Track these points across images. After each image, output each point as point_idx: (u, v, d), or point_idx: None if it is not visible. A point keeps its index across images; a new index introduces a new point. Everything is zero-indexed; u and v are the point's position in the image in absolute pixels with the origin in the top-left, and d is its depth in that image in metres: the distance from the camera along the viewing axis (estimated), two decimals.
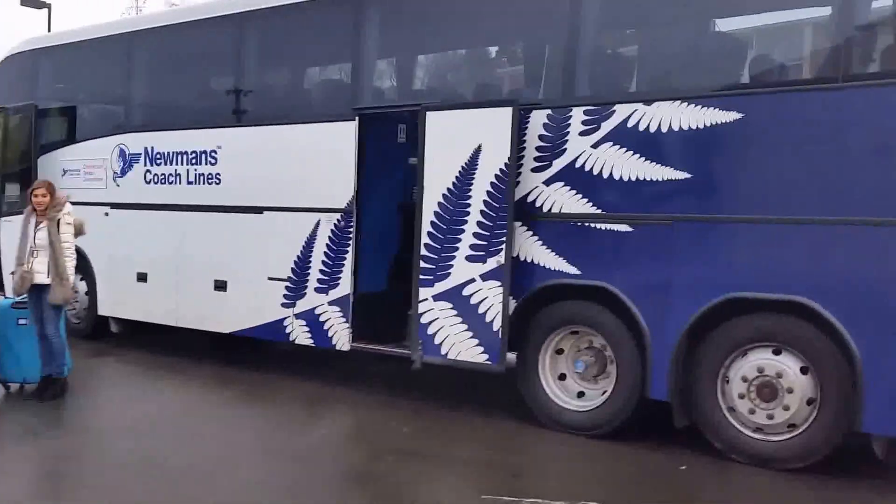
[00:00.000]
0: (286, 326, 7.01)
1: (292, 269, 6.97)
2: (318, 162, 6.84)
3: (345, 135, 6.60)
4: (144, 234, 7.98)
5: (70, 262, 6.36)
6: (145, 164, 7.98)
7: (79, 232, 6.49)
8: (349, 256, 6.66)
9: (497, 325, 5.63)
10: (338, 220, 6.72)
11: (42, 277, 6.34)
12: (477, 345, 5.73)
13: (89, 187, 8.25)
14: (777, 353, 4.92)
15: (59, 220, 6.38)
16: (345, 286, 6.68)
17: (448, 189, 5.86)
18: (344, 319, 6.67)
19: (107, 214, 8.16)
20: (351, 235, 6.65)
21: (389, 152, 7.01)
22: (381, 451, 5.22)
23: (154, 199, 7.91)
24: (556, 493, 4.36)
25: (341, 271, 6.70)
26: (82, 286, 8.40)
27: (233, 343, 7.75)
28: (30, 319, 6.47)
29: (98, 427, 5.79)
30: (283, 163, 7.05)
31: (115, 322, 8.35)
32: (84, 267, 8.05)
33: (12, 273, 6.64)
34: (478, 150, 5.75)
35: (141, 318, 8.06)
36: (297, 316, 6.94)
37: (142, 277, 7.99)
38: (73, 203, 6.60)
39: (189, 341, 8.18)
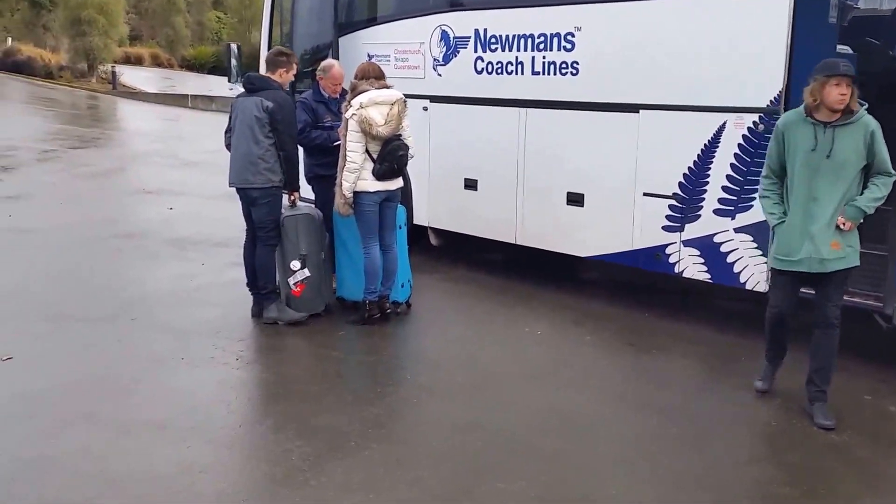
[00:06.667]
0: (669, 255, 5.59)
1: (681, 183, 5.48)
2: (726, 46, 5.16)
3: (770, 8, 4.89)
4: (474, 133, 6.75)
5: (348, 166, 5.22)
6: (476, 50, 6.66)
7: (367, 133, 5.20)
8: None
9: None
10: (754, 122, 5.09)
11: None
12: None
13: (402, 76, 7.05)
14: None
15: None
16: (761, 209, 5.10)
17: None
18: (759, 252, 5.14)
19: (425, 109, 7.01)
20: None
21: (820, 36, 5.18)
22: None
23: (487, 92, 6.60)
24: None
25: (755, 189, 5.10)
26: None
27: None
28: None
29: (501, 373, 4.71)
30: (673, 47, 5.43)
31: (436, 234, 7.34)
32: None
33: None
34: None
35: (469, 232, 6.96)
36: (687, 243, 5.50)
37: (470, 185, 6.84)
38: None
39: (504, 257, 7.07)
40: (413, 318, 5.74)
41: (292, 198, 5.59)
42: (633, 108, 5.67)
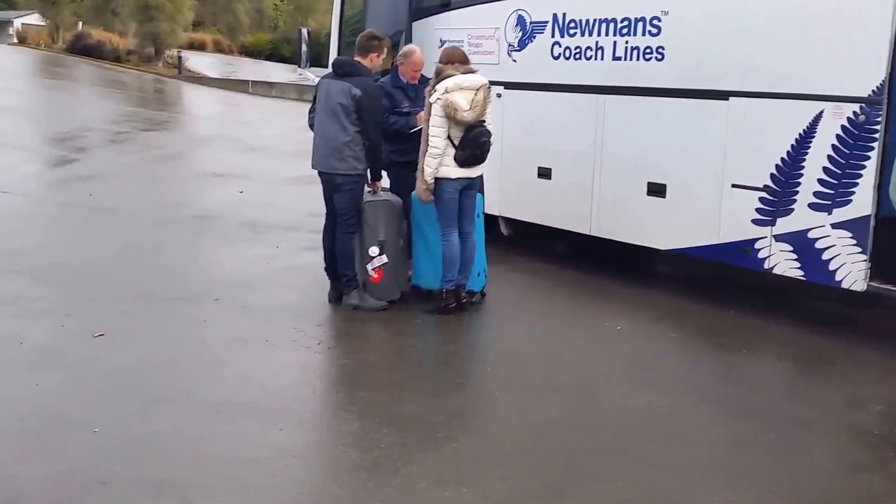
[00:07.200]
0: (759, 250, 5.38)
1: (772, 175, 5.26)
2: (824, 30, 4.93)
3: None
4: (549, 120, 6.63)
5: (431, 152, 5.16)
6: (553, 35, 6.52)
7: (451, 118, 5.11)
8: (871, 164, 4.80)
9: None
10: (854, 112, 4.84)
11: None
12: None
13: (475, 62, 6.84)
14: None
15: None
16: (860, 204, 4.87)
17: None
18: (858, 249, 4.91)
19: (499, 96, 6.86)
20: (875, 135, 4.77)
21: None
22: None
23: (564, 78, 6.47)
24: None
25: (855, 183, 4.89)
26: None
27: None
28: None
29: (584, 370, 4.57)
30: (767, 32, 5.21)
31: (506, 223, 7.24)
32: None
33: None
34: None
35: (542, 222, 6.84)
36: (778, 238, 5.29)
37: (544, 173, 6.71)
38: None
39: (575, 248, 6.94)
40: (488, 309, 5.66)
41: (375, 187, 5.57)
42: (723, 94, 5.46)
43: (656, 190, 5.92)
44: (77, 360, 4.46)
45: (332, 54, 8.68)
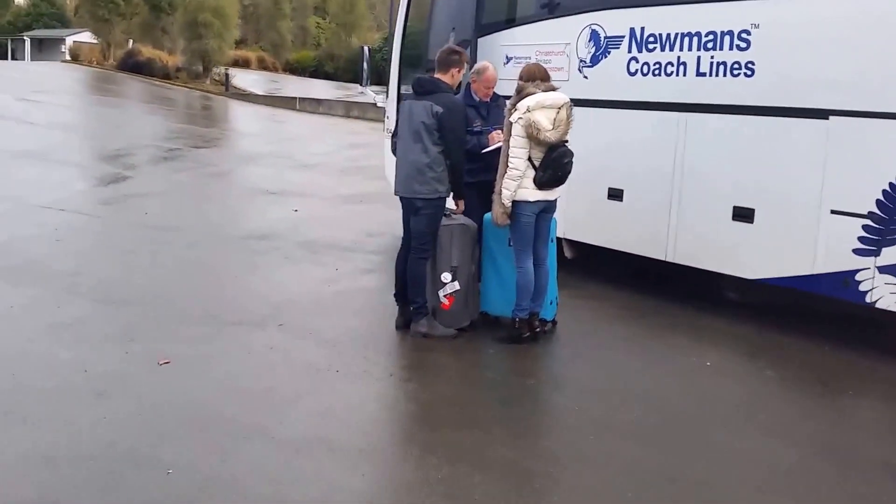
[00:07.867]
0: (860, 282, 5.01)
1: (878, 201, 4.89)
2: None
3: None
4: (623, 139, 6.34)
5: (510, 174, 4.89)
6: (630, 51, 6.23)
7: (532, 138, 4.84)
8: None
9: None
10: None
11: None
12: None
13: None
14: None
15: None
16: None
17: None
18: None
19: None
20: None
21: None
22: None
23: (641, 95, 6.18)
24: None
25: None
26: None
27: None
28: None
29: (681, 411, 4.22)
30: (872, 45, 4.87)
31: (571, 246, 6.94)
32: None
33: None
34: None
35: (612, 246, 6.53)
36: (883, 269, 4.90)
37: (615, 194, 6.41)
38: None
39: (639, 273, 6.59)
40: (563, 340, 5.35)
41: (458, 206, 5.34)
42: (822, 113, 5.11)
43: (743, 214, 5.57)
44: (144, 391, 4.26)
45: (394, 72, 8.53)
